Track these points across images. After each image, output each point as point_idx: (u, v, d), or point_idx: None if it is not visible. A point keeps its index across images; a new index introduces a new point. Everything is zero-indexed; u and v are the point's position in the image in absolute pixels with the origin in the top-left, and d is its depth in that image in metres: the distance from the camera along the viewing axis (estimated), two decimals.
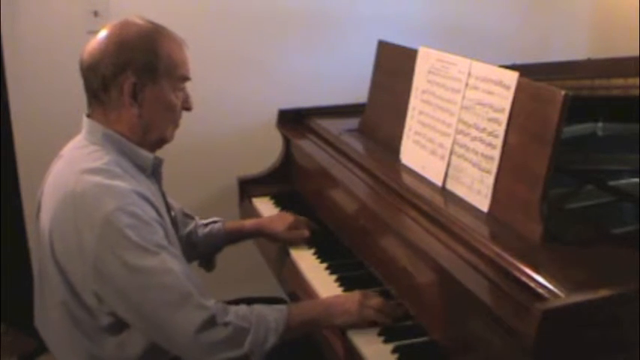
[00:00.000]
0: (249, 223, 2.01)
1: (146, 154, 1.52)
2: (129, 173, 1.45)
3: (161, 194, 1.60)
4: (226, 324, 1.39)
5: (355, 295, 1.55)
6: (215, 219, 1.94)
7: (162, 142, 1.56)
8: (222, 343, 1.38)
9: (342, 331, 1.52)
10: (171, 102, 1.51)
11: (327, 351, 1.58)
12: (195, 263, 1.89)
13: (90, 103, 1.51)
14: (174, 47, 1.51)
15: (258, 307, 1.46)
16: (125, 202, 1.37)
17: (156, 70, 1.47)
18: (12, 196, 2.56)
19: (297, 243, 1.93)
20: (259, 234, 1.98)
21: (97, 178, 1.40)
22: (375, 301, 1.53)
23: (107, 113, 1.48)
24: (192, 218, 1.90)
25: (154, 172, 1.56)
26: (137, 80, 1.45)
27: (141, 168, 1.51)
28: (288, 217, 1.96)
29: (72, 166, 1.45)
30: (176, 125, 1.56)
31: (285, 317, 1.46)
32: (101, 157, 1.44)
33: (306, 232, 1.93)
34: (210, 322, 1.37)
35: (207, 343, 1.37)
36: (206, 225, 1.91)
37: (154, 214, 1.43)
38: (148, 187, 1.49)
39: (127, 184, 1.41)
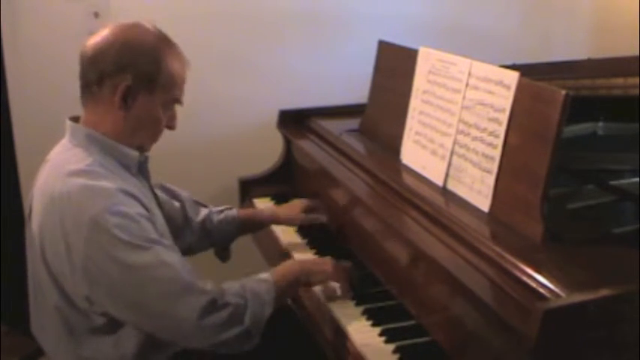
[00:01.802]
0: (264, 211, 2.04)
1: (131, 152, 1.51)
2: (114, 172, 1.45)
3: (151, 191, 1.59)
4: (226, 304, 1.40)
5: (328, 259, 1.65)
6: (229, 206, 1.94)
7: (140, 150, 1.54)
8: (225, 324, 1.40)
9: (343, 332, 1.52)
10: (158, 117, 1.50)
11: (328, 351, 1.59)
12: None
13: (81, 94, 1.50)
14: (178, 66, 1.50)
15: (247, 283, 1.48)
16: (111, 202, 1.37)
17: (154, 82, 1.46)
18: (12, 196, 2.56)
19: (313, 222, 1.97)
20: (275, 220, 1.99)
21: (81, 180, 1.39)
22: (344, 267, 1.65)
23: (95, 108, 1.48)
24: (205, 206, 1.91)
25: (140, 170, 1.55)
26: (132, 85, 1.44)
27: (126, 166, 1.50)
28: (303, 201, 1.99)
29: (57, 170, 1.45)
30: (155, 140, 1.55)
31: (272, 286, 1.49)
32: (84, 159, 1.44)
33: (322, 217, 1.97)
34: (212, 306, 1.38)
35: (211, 326, 1.38)
36: (220, 212, 1.91)
37: (141, 209, 1.42)
38: (134, 185, 1.48)
39: (112, 183, 1.40)
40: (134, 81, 1.44)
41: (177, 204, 1.81)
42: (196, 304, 1.37)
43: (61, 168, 1.44)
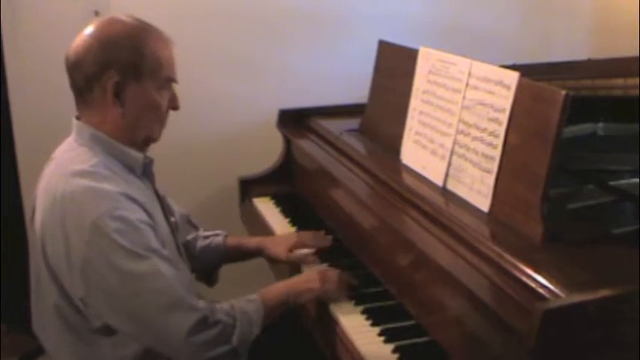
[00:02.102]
0: (251, 241, 1.92)
1: (135, 154, 1.50)
2: (118, 174, 1.44)
3: (154, 193, 1.59)
4: (216, 322, 1.41)
5: (314, 273, 1.64)
6: (218, 232, 1.88)
7: (149, 141, 1.53)
8: (214, 341, 1.40)
9: (342, 331, 1.52)
10: (156, 102, 1.49)
11: (327, 350, 1.59)
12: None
13: (76, 102, 1.49)
14: (161, 46, 1.48)
15: (235, 303, 1.48)
16: (113, 207, 1.36)
17: (140, 70, 1.44)
18: (12, 196, 2.56)
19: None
20: (260, 254, 1.89)
21: (85, 181, 1.39)
22: (332, 274, 1.64)
23: (93, 113, 1.47)
24: (196, 229, 1.87)
25: (145, 172, 1.54)
26: (120, 79, 1.43)
27: (130, 168, 1.49)
28: (291, 239, 1.87)
29: (61, 169, 1.44)
30: (162, 125, 1.54)
31: (260, 307, 1.49)
32: (89, 159, 1.43)
33: (309, 259, 1.82)
34: (202, 323, 1.38)
35: (199, 343, 1.38)
36: (206, 237, 1.86)
37: (143, 215, 1.41)
38: (138, 188, 1.48)
39: (115, 187, 1.39)
40: (120, 75, 1.43)
41: (172, 219, 1.80)
42: (186, 321, 1.37)
43: (65, 167, 1.44)
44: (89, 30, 1.47)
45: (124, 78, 1.43)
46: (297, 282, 1.63)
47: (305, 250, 1.84)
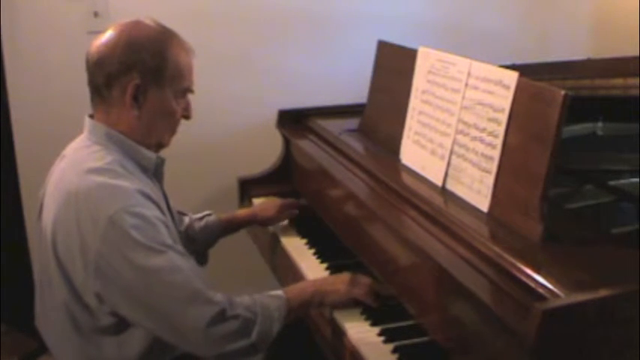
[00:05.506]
0: (242, 212, 2.08)
1: (149, 154, 1.52)
2: (132, 173, 1.45)
3: (163, 193, 1.60)
4: (235, 316, 1.41)
5: (344, 276, 1.61)
6: (208, 212, 1.96)
7: (159, 146, 1.56)
8: (232, 335, 1.40)
9: (342, 331, 1.52)
10: (172, 109, 1.51)
11: (327, 350, 1.58)
12: None
13: (92, 99, 1.51)
14: (183, 55, 1.51)
15: (259, 298, 1.48)
16: (129, 203, 1.37)
17: (162, 75, 1.47)
18: (12, 196, 2.56)
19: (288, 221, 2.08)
20: (253, 221, 2.04)
21: (101, 178, 1.40)
22: (364, 281, 1.60)
23: (108, 111, 1.48)
24: (186, 215, 1.91)
25: (155, 172, 1.56)
26: (141, 82, 1.45)
27: (143, 168, 1.51)
28: (277, 201, 2.07)
29: (75, 166, 1.45)
30: (173, 132, 1.56)
31: (284, 304, 1.49)
32: (104, 157, 1.44)
33: (295, 212, 2.08)
34: (221, 316, 1.39)
35: (217, 336, 1.39)
36: (201, 219, 1.93)
37: (157, 213, 1.43)
38: (150, 187, 1.49)
39: (131, 184, 1.41)
40: (142, 78, 1.45)
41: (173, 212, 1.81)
42: (205, 313, 1.38)
43: (79, 165, 1.45)
44: (114, 31, 1.48)
45: (144, 81, 1.45)
46: (325, 282, 1.62)
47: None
